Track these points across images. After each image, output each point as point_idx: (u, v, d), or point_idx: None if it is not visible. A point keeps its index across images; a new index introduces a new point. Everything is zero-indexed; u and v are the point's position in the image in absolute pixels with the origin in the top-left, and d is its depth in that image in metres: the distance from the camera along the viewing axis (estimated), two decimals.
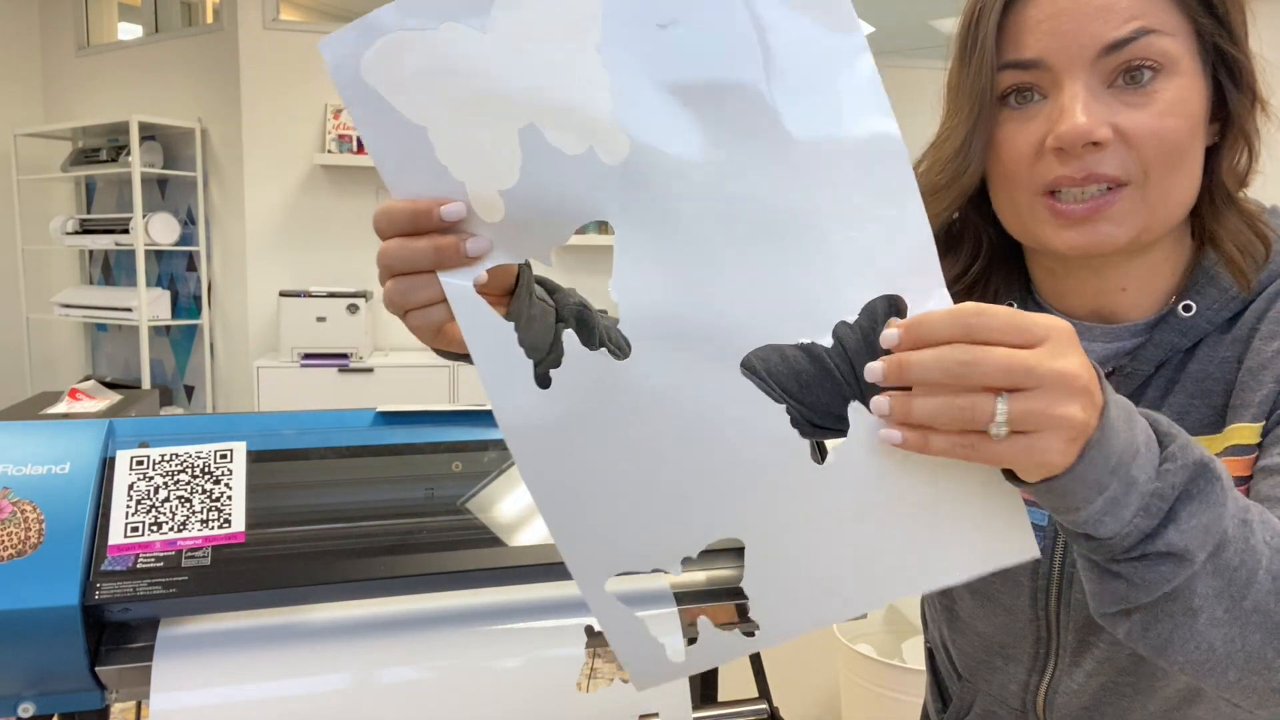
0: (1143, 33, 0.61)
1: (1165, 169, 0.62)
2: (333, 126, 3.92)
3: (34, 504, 0.84)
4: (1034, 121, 0.64)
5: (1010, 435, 0.46)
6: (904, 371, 0.47)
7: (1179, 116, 0.62)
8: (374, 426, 1.01)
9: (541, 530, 0.98)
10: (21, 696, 0.85)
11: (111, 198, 4.36)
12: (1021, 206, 0.66)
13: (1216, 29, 0.64)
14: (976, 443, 0.46)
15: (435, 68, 0.53)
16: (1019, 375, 0.45)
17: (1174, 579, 0.50)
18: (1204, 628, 0.51)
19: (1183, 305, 0.68)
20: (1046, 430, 0.46)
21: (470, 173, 0.54)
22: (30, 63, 4.50)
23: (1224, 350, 0.67)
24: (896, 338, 0.47)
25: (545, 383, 0.56)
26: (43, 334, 4.52)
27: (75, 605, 0.81)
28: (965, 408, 0.45)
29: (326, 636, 0.91)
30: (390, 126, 0.55)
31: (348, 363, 3.72)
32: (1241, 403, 0.64)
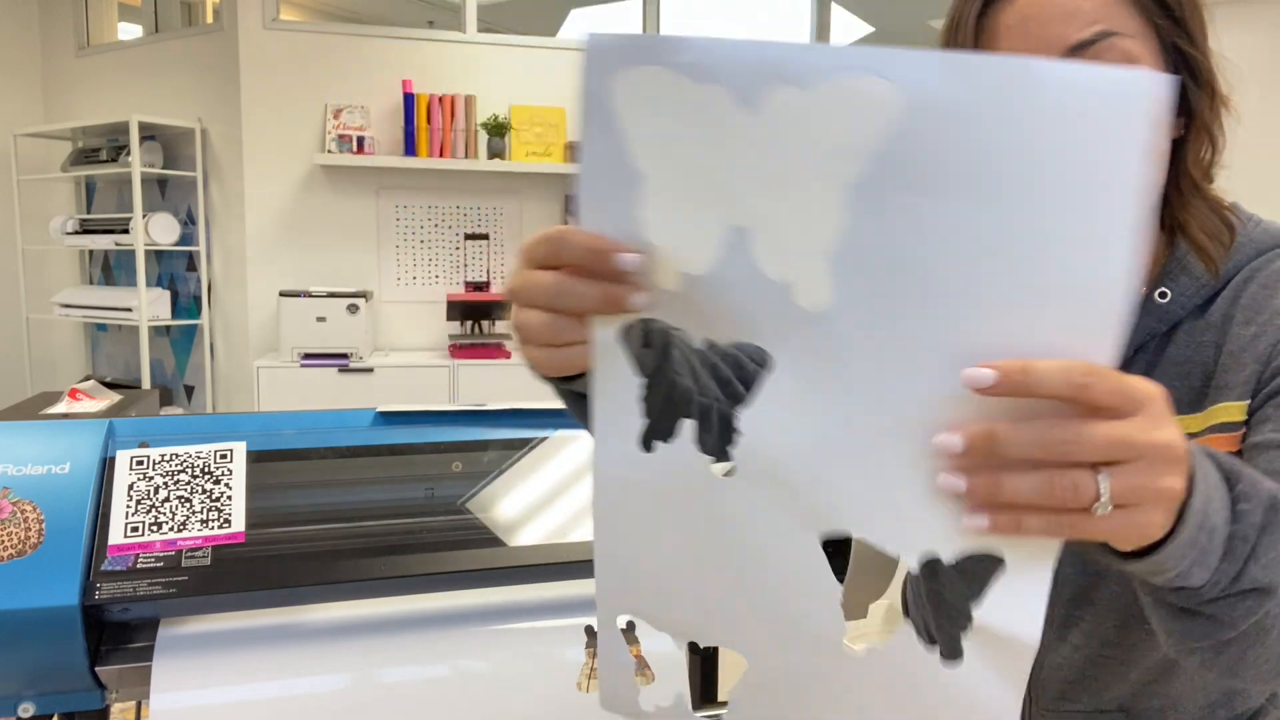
0: (1104, 35, 0.65)
1: None
2: (333, 126, 3.92)
3: (34, 504, 0.84)
4: None
5: (1112, 511, 0.43)
6: (995, 447, 0.42)
7: None
8: (374, 426, 1.01)
9: (541, 530, 0.98)
10: (21, 696, 0.85)
11: (111, 198, 4.36)
12: None
13: (1175, 31, 0.68)
14: (1076, 521, 0.43)
15: (684, 121, 0.49)
16: (1123, 449, 0.43)
17: (1258, 611, 0.51)
18: (1274, 643, 0.53)
19: (1158, 292, 0.72)
20: (1148, 503, 0.45)
21: (665, 239, 0.51)
22: (30, 63, 4.50)
23: (1200, 335, 0.71)
24: (991, 379, 0.42)
25: (649, 446, 0.55)
26: (43, 334, 4.52)
27: (75, 605, 0.81)
28: (1068, 487, 0.42)
29: (326, 636, 0.91)
30: (612, 154, 0.51)
31: (348, 363, 3.72)
32: (1225, 384, 0.69)
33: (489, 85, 4.11)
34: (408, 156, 3.97)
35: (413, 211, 4.11)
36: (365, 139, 3.91)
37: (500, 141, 4.03)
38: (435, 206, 4.13)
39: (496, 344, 3.96)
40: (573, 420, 1.05)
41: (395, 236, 4.11)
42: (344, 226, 4.05)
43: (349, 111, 3.95)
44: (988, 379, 0.42)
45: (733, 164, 0.48)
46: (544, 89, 4.18)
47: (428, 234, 4.14)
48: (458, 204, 4.15)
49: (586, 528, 1.00)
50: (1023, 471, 0.43)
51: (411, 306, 4.15)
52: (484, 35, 4.15)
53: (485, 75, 4.12)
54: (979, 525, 0.44)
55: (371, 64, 4.01)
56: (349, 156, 3.89)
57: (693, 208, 0.49)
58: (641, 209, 0.51)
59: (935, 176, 0.44)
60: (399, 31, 4.06)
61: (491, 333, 4.05)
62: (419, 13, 4.97)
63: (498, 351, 3.92)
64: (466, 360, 3.84)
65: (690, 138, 0.49)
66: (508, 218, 4.21)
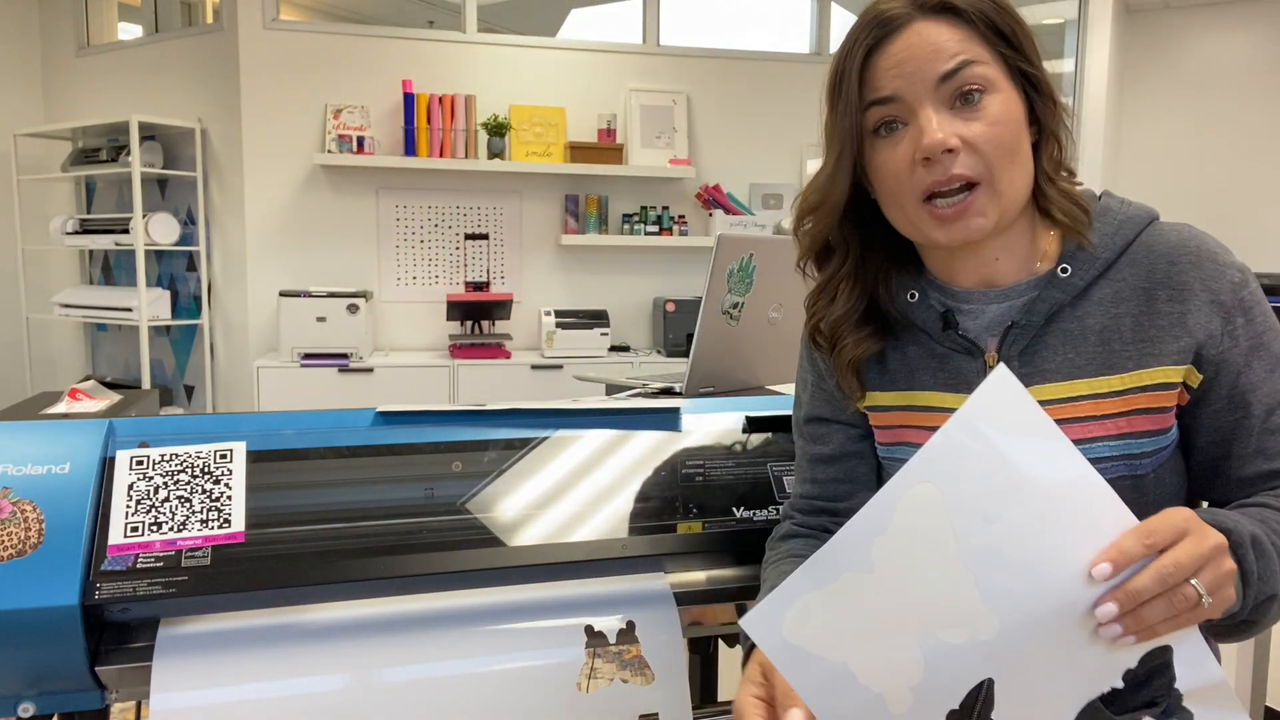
0: (965, 64, 0.81)
1: (1004, 164, 0.82)
2: (333, 126, 3.92)
3: (34, 504, 0.84)
4: (901, 144, 0.84)
5: (1210, 602, 0.67)
6: (1133, 596, 0.67)
7: (1005, 123, 0.82)
8: (374, 426, 1.01)
9: (541, 530, 0.98)
10: (21, 696, 0.85)
11: (111, 198, 4.36)
12: (909, 214, 0.86)
13: (1016, 56, 0.84)
14: (1191, 616, 0.68)
15: (842, 612, 0.70)
16: (1200, 559, 0.67)
17: (1271, 609, 0.76)
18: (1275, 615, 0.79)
19: (1060, 268, 0.87)
20: (1226, 584, 0.69)
21: (886, 682, 0.70)
22: (30, 63, 4.50)
23: (1116, 307, 0.86)
24: (1109, 570, 0.67)
25: None
26: (43, 334, 4.51)
27: (75, 605, 0.81)
28: (1182, 599, 0.67)
29: (326, 636, 0.91)
30: (815, 669, 0.71)
31: (348, 363, 3.72)
32: (1159, 351, 0.84)
33: (489, 85, 4.11)
34: (408, 156, 3.97)
35: (413, 211, 4.11)
36: (365, 139, 3.91)
37: (500, 141, 4.02)
38: (435, 206, 4.13)
39: (496, 344, 3.96)
40: (572, 420, 1.05)
41: (395, 236, 4.10)
42: (344, 226, 4.05)
43: (349, 111, 3.95)
44: (1107, 571, 0.67)
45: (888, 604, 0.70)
46: (544, 89, 4.18)
47: (428, 234, 4.14)
48: (458, 204, 4.15)
49: (586, 528, 1.00)
50: (1151, 604, 0.67)
51: (411, 306, 4.15)
52: (484, 35, 4.15)
53: (485, 75, 4.12)
54: (1129, 642, 0.69)
55: (371, 64, 4.01)
56: (349, 156, 3.89)
57: (887, 649, 0.71)
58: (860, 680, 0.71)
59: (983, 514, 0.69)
60: (399, 31, 4.06)
61: (491, 333, 4.05)
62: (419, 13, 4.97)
63: (498, 351, 3.92)
64: (466, 360, 3.84)
65: (851, 615, 0.71)
66: (508, 218, 4.21)
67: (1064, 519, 0.69)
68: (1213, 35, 5.22)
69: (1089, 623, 0.68)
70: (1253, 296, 0.84)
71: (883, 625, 0.70)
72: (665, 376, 1.93)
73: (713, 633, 1.18)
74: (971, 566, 0.69)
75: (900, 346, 0.94)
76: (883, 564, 0.70)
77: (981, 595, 0.69)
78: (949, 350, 0.91)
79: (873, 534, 0.70)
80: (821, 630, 0.71)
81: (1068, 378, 0.86)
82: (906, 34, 0.83)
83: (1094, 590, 0.68)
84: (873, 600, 0.70)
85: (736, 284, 1.58)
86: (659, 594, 1.00)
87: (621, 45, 4.30)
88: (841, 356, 0.93)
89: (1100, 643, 0.69)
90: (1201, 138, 5.22)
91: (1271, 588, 0.75)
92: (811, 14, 4.62)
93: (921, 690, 0.70)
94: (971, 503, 0.70)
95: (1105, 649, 0.70)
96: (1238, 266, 0.85)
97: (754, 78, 4.43)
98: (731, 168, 4.42)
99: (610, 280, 4.32)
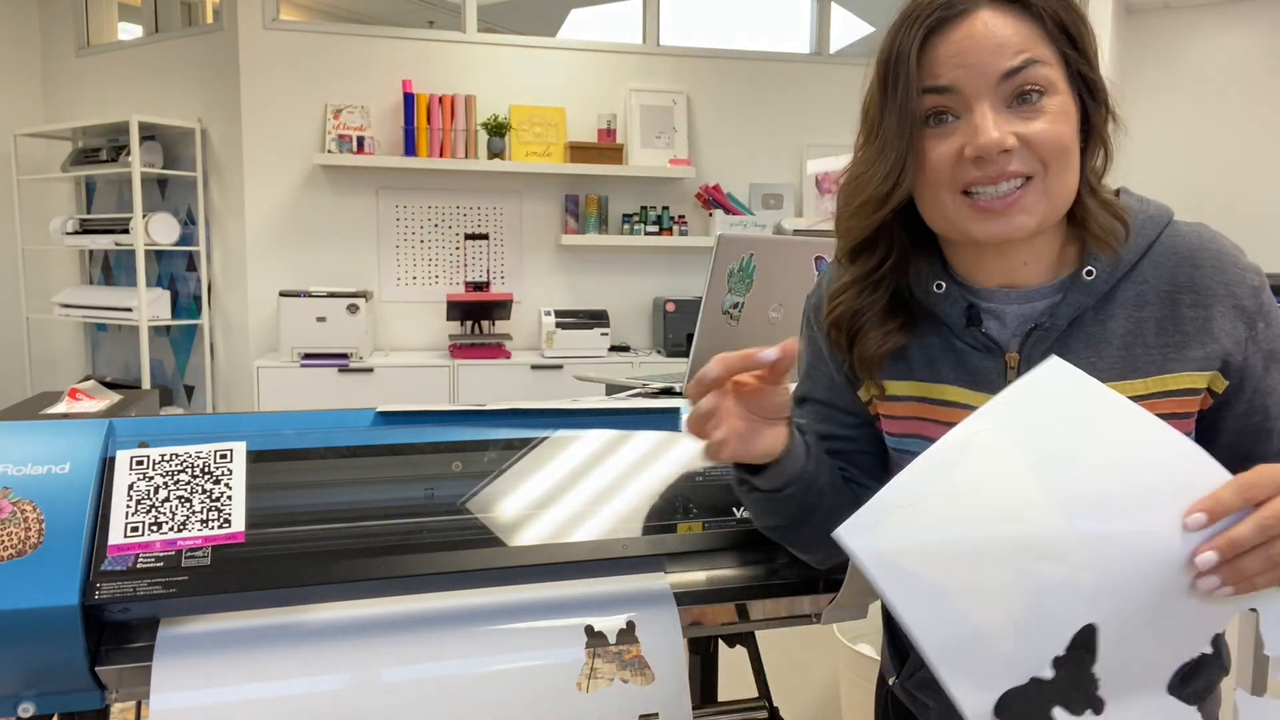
0: (1030, 63, 0.78)
1: (1059, 164, 0.80)
2: (332, 126, 3.92)
3: (34, 504, 0.84)
4: (951, 138, 0.80)
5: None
6: (1234, 545, 0.68)
7: (1064, 124, 0.80)
8: (374, 426, 1.01)
9: (541, 530, 0.98)
10: (21, 696, 0.85)
11: (111, 198, 4.36)
12: (946, 206, 0.82)
13: (1079, 59, 0.82)
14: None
15: (937, 532, 0.70)
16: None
17: None
18: None
19: (1085, 271, 0.85)
20: None
21: (985, 614, 0.70)
22: (30, 63, 4.50)
23: (1139, 311, 0.84)
24: (1204, 520, 0.69)
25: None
26: (43, 334, 4.51)
27: (75, 605, 0.81)
28: (1276, 554, 0.68)
29: (326, 636, 0.91)
30: (913, 588, 0.70)
31: (348, 363, 3.72)
32: (1185, 357, 0.83)
33: (489, 85, 4.11)
34: (408, 156, 3.97)
35: (413, 211, 4.11)
36: (365, 139, 3.91)
37: (500, 141, 4.02)
38: (435, 206, 4.13)
39: (496, 344, 3.96)
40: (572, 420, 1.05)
41: (395, 236, 4.10)
42: (344, 226, 4.05)
43: (349, 111, 3.95)
44: (1202, 520, 0.69)
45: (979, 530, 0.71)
46: (544, 89, 4.18)
47: (428, 234, 4.14)
48: (458, 204, 4.15)
49: (586, 528, 1.00)
50: (1250, 554, 0.68)
51: (411, 306, 4.15)
52: (484, 35, 4.15)
53: (485, 75, 4.12)
54: (1226, 594, 0.69)
55: (371, 64, 4.01)
56: (349, 156, 3.89)
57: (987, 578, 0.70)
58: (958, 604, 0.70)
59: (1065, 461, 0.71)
60: (399, 31, 4.06)
61: (491, 333, 4.05)
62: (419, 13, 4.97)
63: (498, 351, 3.92)
64: (466, 360, 3.84)
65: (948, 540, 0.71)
66: (508, 218, 4.21)
67: (1149, 467, 0.70)
68: (1212, 35, 5.21)
69: (1185, 575, 0.68)
70: (1270, 299, 0.84)
71: (977, 550, 0.69)
72: (665, 376, 1.93)
73: (713, 633, 1.18)
74: (1057, 503, 0.69)
75: (920, 336, 0.91)
76: (967, 491, 0.70)
77: (1072, 531, 0.69)
78: (968, 347, 0.88)
79: (949, 466, 0.70)
80: (918, 549, 0.70)
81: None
82: (971, 20, 0.79)
83: (1190, 541, 0.68)
84: (964, 525, 0.70)
85: (736, 284, 1.58)
86: (659, 594, 1.00)
87: (621, 45, 4.30)
88: (867, 349, 0.90)
89: (1195, 597, 0.69)
90: (1201, 138, 5.22)
91: None
92: (811, 14, 4.62)
93: (1023, 629, 0.69)
94: (1043, 445, 0.70)
95: (1200, 605, 0.69)
96: (1255, 269, 0.85)
97: (754, 78, 4.43)
98: (731, 168, 4.42)
99: (610, 280, 4.32)
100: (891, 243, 0.88)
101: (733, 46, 4.42)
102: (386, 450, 0.99)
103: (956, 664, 0.69)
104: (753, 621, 1.08)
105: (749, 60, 4.43)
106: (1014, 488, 0.70)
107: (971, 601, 0.69)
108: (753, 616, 1.07)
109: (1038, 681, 0.70)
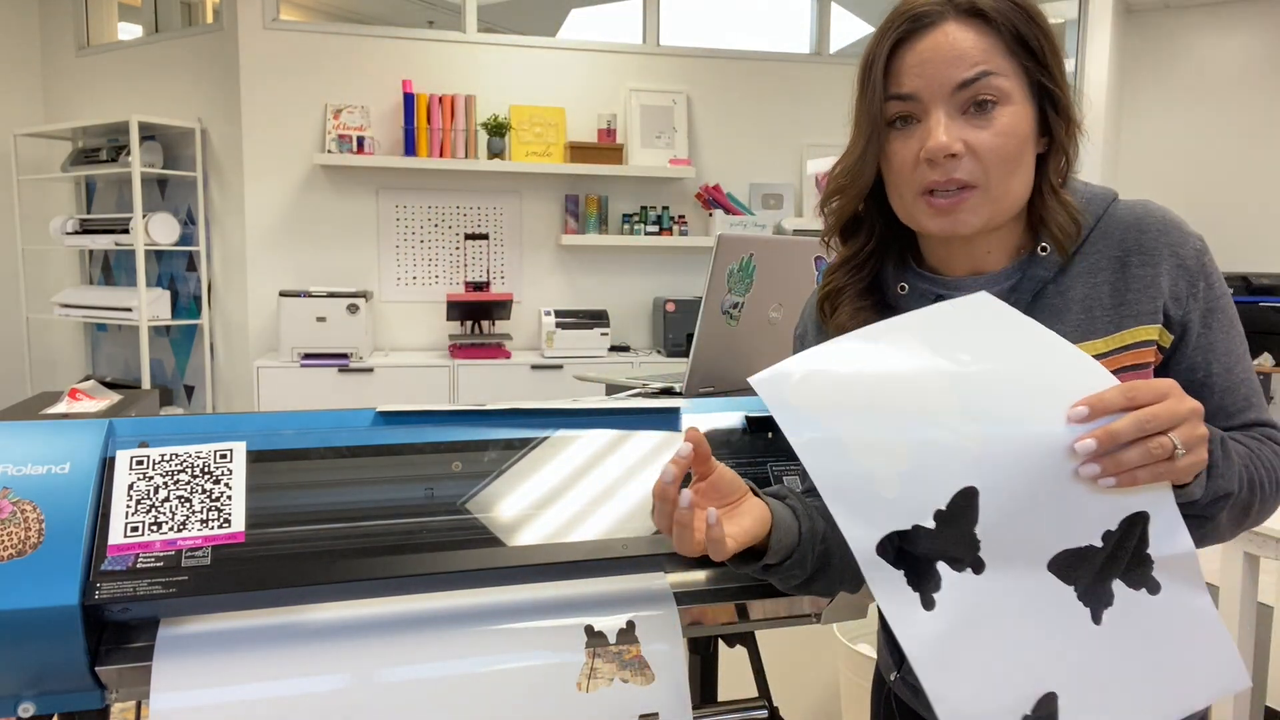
0: (985, 74, 0.85)
1: (1002, 174, 0.87)
2: (332, 126, 3.92)
3: (34, 504, 0.84)
4: (912, 139, 0.88)
5: (1184, 456, 0.72)
6: (1111, 437, 0.71)
7: (1011, 136, 0.86)
8: (374, 426, 1.01)
9: (541, 530, 0.98)
10: (21, 696, 0.85)
11: (111, 198, 4.36)
12: (908, 202, 0.90)
13: (1039, 71, 0.87)
14: (1166, 468, 0.72)
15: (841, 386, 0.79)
16: (1178, 417, 0.72)
17: (1223, 507, 0.81)
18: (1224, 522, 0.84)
19: (1040, 248, 0.92)
20: (1199, 444, 0.73)
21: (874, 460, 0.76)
22: (30, 63, 4.50)
23: (1094, 277, 0.90)
24: (1086, 412, 0.72)
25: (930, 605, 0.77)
26: (43, 334, 4.51)
27: (75, 605, 0.81)
28: (1157, 447, 0.71)
29: (326, 636, 0.91)
30: (810, 432, 0.78)
31: (348, 363, 3.72)
32: (1136, 312, 0.89)
33: (489, 85, 4.11)
34: (408, 156, 3.97)
35: (413, 211, 4.11)
36: (365, 139, 3.91)
37: (500, 141, 4.02)
38: (435, 206, 4.13)
39: (496, 344, 3.96)
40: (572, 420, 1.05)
41: (395, 236, 4.10)
42: (344, 226, 4.05)
43: (349, 111, 3.95)
44: (1084, 413, 0.72)
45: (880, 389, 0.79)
46: (544, 89, 4.18)
47: (428, 234, 4.14)
48: (458, 204, 4.15)
49: (586, 527, 1.00)
50: (1129, 447, 0.71)
51: (411, 306, 4.15)
52: (484, 35, 4.15)
53: (485, 75, 4.12)
54: (1109, 484, 0.73)
55: (371, 64, 4.01)
56: (349, 156, 3.89)
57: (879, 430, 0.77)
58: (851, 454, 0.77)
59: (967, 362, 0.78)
60: (399, 31, 4.06)
61: (491, 333, 4.05)
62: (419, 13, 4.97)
63: (498, 351, 3.92)
64: (466, 360, 3.84)
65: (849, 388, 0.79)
66: (508, 218, 4.21)
67: (1050, 373, 0.76)
68: (1212, 35, 5.21)
69: (1069, 462, 0.73)
70: (1212, 263, 0.91)
71: (875, 408, 0.77)
72: (665, 376, 1.93)
73: (713, 632, 1.18)
74: (957, 390, 0.76)
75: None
76: (873, 366, 0.79)
77: (966, 409, 0.75)
78: None
79: (864, 344, 0.81)
80: (820, 401, 0.78)
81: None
82: (935, 34, 0.86)
83: (1075, 432, 0.73)
84: (865, 389, 0.78)
85: (736, 284, 1.58)
86: (659, 594, 1.00)
87: (621, 45, 4.30)
88: (839, 320, 0.96)
89: (1082, 486, 0.74)
90: (1201, 137, 5.22)
91: (1228, 485, 0.80)
92: (811, 14, 4.62)
93: (909, 479, 0.76)
94: (953, 343, 0.79)
95: (1088, 496, 0.74)
96: (1198, 236, 0.91)
97: (754, 78, 4.43)
98: (731, 168, 4.42)
99: (610, 280, 4.32)
100: (874, 229, 0.97)
101: (732, 46, 4.42)
102: (386, 450, 0.99)
103: (846, 501, 0.76)
104: (752, 621, 1.08)
105: (749, 60, 4.43)
106: (918, 372, 0.78)
107: (863, 450, 0.76)
108: (752, 616, 1.07)
109: (920, 529, 0.76)
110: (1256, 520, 0.87)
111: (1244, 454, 0.84)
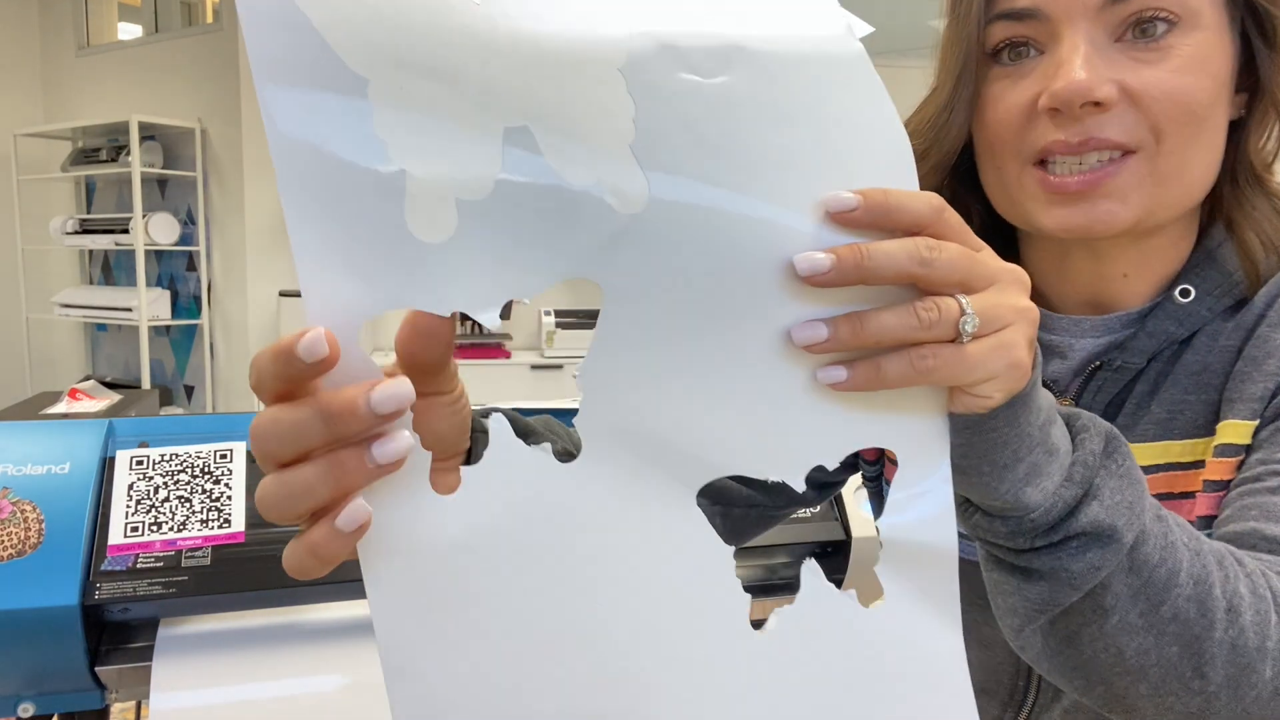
0: None
1: (1181, 136, 0.53)
2: None
3: (34, 504, 0.84)
4: (1027, 79, 0.55)
5: (976, 339, 0.37)
6: (865, 260, 0.36)
7: (1199, 75, 0.52)
8: None
9: None
10: (21, 696, 0.85)
11: (111, 198, 4.36)
12: (1009, 178, 0.57)
13: None
14: (936, 356, 0.37)
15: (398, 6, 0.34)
16: (979, 269, 0.38)
17: (1102, 567, 0.41)
18: (1113, 631, 0.42)
19: (1179, 290, 0.57)
20: (1012, 323, 0.38)
21: (418, 160, 0.35)
22: (30, 63, 4.50)
23: (1225, 339, 0.56)
24: (855, 203, 0.37)
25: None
26: (43, 334, 4.52)
27: (75, 605, 0.82)
28: (929, 308, 0.37)
29: (326, 636, 0.91)
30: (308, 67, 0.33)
31: None
32: (1237, 396, 0.54)
33: None
34: None
35: None
36: None
37: None
38: None
39: (496, 344, 3.96)
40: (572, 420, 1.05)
41: None
42: None
43: None
44: (850, 203, 0.37)
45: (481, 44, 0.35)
46: None
47: None
48: None
49: None
50: (884, 312, 0.37)
51: None
52: None
53: None
54: (836, 379, 0.37)
55: None
56: None
57: (448, 108, 0.35)
58: (375, 128, 0.34)
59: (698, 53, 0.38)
60: None
61: (491, 332, 4.06)
62: None
63: (498, 351, 3.93)
64: (466, 360, 3.84)
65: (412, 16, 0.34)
66: None
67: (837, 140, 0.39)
68: None
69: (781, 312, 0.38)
70: None
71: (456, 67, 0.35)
72: None
73: None
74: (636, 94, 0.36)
75: None
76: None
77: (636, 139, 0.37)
78: None
79: None
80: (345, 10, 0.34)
81: (1159, 437, 0.57)
82: None
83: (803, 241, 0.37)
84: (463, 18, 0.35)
85: None
86: None
87: None
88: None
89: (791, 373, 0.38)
90: None
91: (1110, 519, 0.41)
92: None
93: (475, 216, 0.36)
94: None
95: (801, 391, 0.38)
96: None
97: None
98: None
99: None
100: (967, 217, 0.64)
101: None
102: None
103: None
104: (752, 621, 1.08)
105: None
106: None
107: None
108: (752, 616, 1.08)
109: None
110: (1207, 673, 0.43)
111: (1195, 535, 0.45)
